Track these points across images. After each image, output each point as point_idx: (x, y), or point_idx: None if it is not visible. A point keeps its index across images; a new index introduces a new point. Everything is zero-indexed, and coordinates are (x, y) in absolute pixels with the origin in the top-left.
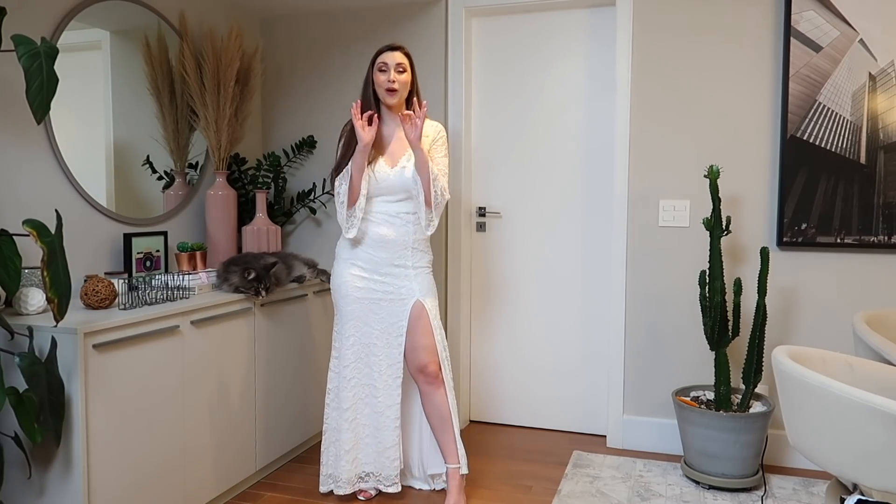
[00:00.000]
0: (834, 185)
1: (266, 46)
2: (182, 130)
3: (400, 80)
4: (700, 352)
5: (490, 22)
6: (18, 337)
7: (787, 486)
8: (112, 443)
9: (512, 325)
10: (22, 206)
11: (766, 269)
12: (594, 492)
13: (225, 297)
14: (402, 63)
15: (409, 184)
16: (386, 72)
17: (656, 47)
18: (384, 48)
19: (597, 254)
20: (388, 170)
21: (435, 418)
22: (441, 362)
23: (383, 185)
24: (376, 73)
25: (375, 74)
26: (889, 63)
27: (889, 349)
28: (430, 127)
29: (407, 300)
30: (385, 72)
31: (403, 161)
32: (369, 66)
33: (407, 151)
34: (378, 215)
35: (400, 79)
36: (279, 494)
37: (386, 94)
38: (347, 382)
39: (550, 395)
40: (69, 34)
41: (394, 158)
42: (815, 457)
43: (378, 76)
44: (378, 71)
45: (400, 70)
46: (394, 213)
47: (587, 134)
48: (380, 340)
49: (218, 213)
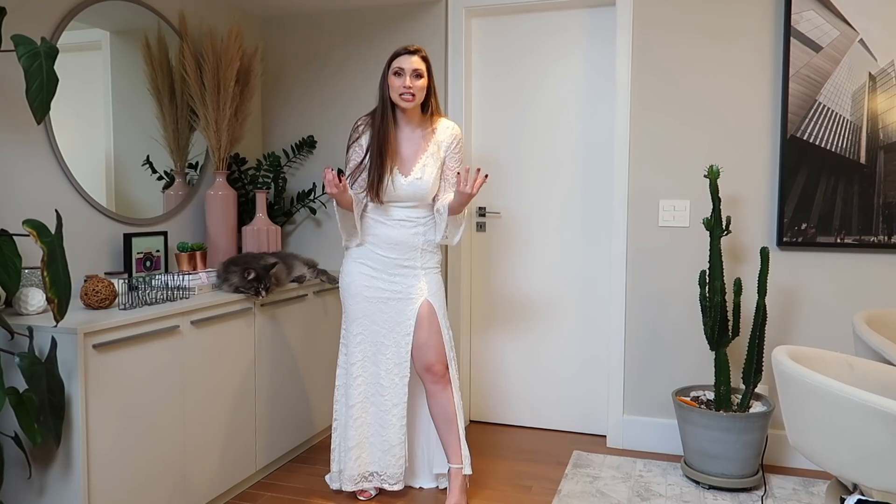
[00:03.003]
0: (834, 185)
1: (266, 46)
2: (182, 130)
3: (416, 85)
4: (700, 352)
5: (490, 22)
6: (18, 337)
7: (787, 486)
8: (112, 443)
9: (512, 325)
10: (22, 206)
11: (766, 269)
12: (594, 492)
13: (225, 297)
14: (419, 69)
15: (423, 193)
16: (402, 76)
17: (656, 47)
18: (401, 51)
19: (597, 254)
20: (401, 179)
21: (440, 418)
22: (448, 362)
23: (396, 194)
24: (391, 76)
25: (391, 78)
26: (889, 63)
27: (889, 349)
28: (445, 130)
29: (415, 299)
30: (401, 76)
31: (417, 171)
32: (385, 67)
33: (420, 160)
34: (389, 219)
35: (416, 84)
36: (279, 494)
37: (401, 100)
38: (354, 380)
39: (551, 395)
40: (69, 34)
41: (407, 166)
42: (815, 457)
43: (393, 80)
44: (393, 74)
45: (417, 75)
46: (404, 217)
47: (587, 133)
48: (387, 339)
49: (218, 213)
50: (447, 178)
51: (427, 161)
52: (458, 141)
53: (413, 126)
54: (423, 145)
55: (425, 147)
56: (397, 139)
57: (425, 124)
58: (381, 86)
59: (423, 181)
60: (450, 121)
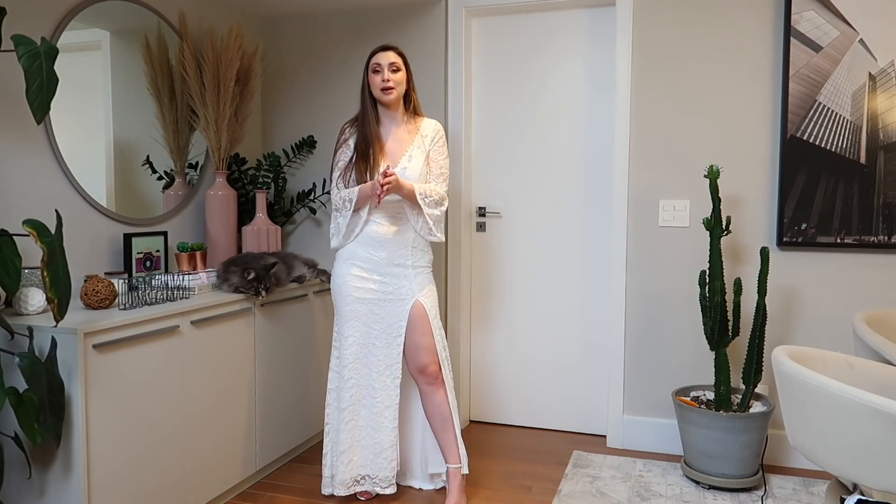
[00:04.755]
0: (834, 185)
1: (266, 46)
2: (182, 130)
3: (395, 78)
4: (700, 352)
5: (490, 22)
6: (18, 337)
7: (787, 486)
8: (112, 443)
9: (512, 325)
10: (22, 206)
11: (766, 269)
12: (594, 492)
13: (225, 297)
14: (396, 62)
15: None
16: (380, 72)
17: (656, 47)
18: (377, 49)
19: (597, 254)
20: None
21: (436, 418)
22: (441, 362)
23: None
24: (371, 74)
25: (371, 76)
26: (889, 63)
27: (889, 349)
28: (428, 126)
29: (406, 300)
30: (379, 72)
31: (404, 162)
32: (364, 69)
33: (406, 152)
34: (377, 215)
35: (395, 77)
36: (279, 494)
37: (381, 94)
38: (346, 382)
39: (550, 395)
40: (69, 34)
41: (393, 159)
42: (815, 457)
43: (373, 77)
44: (372, 72)
45: (394, 69)
46: (393, 213)
47: (587, 133)
48: (379, 341)
49: (218, 213)
50: (432, 170)
51: (413, 153)
52: (440, 135)
53: (397, 122)
54: (409, 139)
55: (410, 141)
56: (382, 136)
57: (409, 120)
58: (363, 86)
59: (409, 171)
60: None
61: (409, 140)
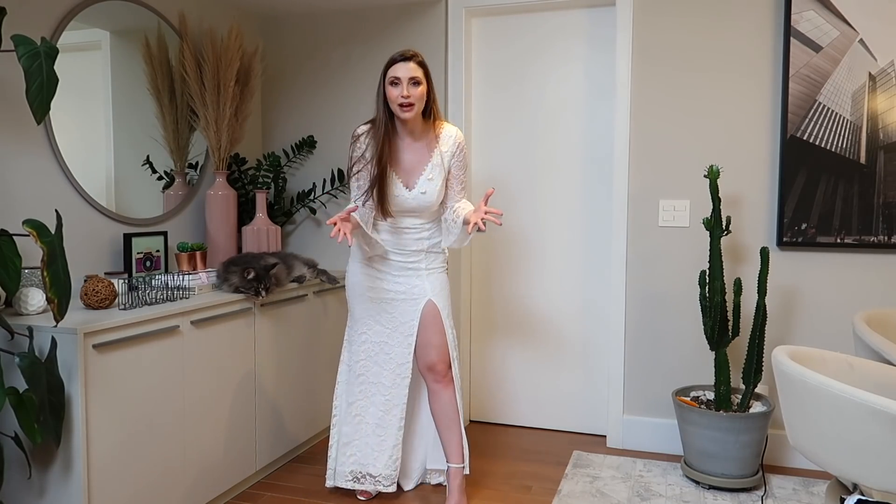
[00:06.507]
0: (834, 185)
1: (266, 46)
2: (182, 130)
3: (415, 94)
4: (700, 352)
5: (490, 22)
6: (18, 337)
7: (787, 486)
8: (112, 443)
9: (512, 325)
10: (22, 206)
11: (766, 269)
12: (594, 492)
13: (225, 297)
14: (416, 76)
15: (427, 205)
16: (398, 85)
17: (656, 47)
18: (396, 58)
19: (597, 253)
20: (405, 193)
21: (441, 417)
22: (451, 361)
23: (400, 207)
24: (388, 86)
25: (388, 88)
26: (889, 63)
27: (889, 349)
28: (448, 138)
29: (419, 299)
30: (398, 85)
31: (422, 184)
32: (381, 77)
33: (424, 171)
34: (394, 227)
35: (415, 93)
36: (279, 494)
37: (399, 110)
38: (356, 378)
39: (551, 395)
40: (69, 34)
41: (410, 178)
42: (814, 457)
43: (390, 90)
44: (390, 84)
45: (415, 83)
46: (410, 225)
47: (587, 133)
48: (391, 339)
49: (218, 213)
50: (452, 186)
51: (432, 173)
52: (460, 148)
53: (416, 135)
54: (427, 155)
55: (429, 157)
56: (399, 150)
57: (428, 132)
58: (378, 96)
59: (428, 195)
60: (452, 126)
61: (427, 156)
